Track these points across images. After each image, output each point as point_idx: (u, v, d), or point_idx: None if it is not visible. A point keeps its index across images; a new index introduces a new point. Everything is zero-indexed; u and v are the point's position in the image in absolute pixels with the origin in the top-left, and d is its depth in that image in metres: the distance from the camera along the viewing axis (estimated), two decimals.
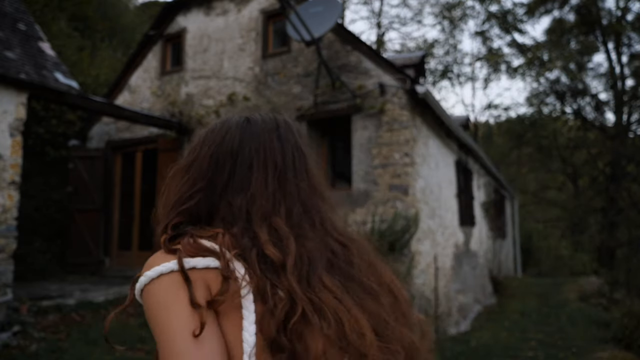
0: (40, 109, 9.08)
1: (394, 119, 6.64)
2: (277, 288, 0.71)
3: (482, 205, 11.32)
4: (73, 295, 6.39)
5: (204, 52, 8.54)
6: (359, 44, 7.13)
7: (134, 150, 9.11)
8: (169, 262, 0.72)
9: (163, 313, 0.69)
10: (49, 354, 4.65)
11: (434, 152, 7.71)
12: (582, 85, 19.60)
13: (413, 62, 9.01)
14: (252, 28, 8.09)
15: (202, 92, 8.40)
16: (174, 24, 9.00)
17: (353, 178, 6.87)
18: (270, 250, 0.73)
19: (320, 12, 6.47)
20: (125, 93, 9.35)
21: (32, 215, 8.18)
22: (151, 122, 8.09)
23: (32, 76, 5.99)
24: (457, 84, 28.97)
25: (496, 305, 10.35)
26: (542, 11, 20.11)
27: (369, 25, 37.87)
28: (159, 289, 0.71)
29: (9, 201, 5.57)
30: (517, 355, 6.09)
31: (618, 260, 17.06)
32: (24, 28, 6.63)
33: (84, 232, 8.55)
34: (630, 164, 18.29)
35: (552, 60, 18.42)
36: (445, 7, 22.09)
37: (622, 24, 18.45)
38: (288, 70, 7.63)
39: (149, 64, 9.19)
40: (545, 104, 20.71)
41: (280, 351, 0.68)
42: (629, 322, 6.81)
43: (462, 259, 8.98)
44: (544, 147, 20.56)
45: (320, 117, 7.25)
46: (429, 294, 6.91)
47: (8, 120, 5.67)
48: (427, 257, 7.01)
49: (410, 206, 6.46)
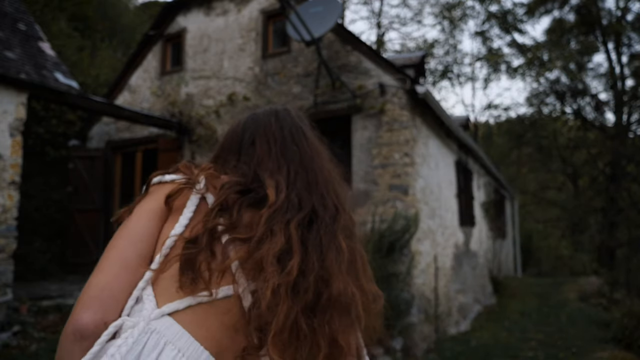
0: (40, 109, 9.08)
1: (394, 119, 6.64)
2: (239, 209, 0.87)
3: (482, 205, 11.32)
4: (73, 295, 6.39)
5: (204, 52, 8.54)
6: (359, 44, 7.13)
7: (134, 150, 9.10)
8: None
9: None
10: (49, 354, 4.65)
11: (434, 152, 7.71)
12: (582, 85, 19.60)
13: (413, 62, 9.01)
14: (252, 28, 8.09)
15: (202, 92, 8.40)
16: (174, 24, 9.00)
17: (353, 178, 6.87)
18: (269, 190, 0.90)
19: (320, 12, 6.47)
20: (125, 93, 9.35)
21: (32, 215, 8.17)
22: (151, 122, 8.09)
23: (32, 76, 5.99)
24: (457, 84, 28.98)
25: (496, 305, 10.35)
26: (542, 11, 20.10)
27: (369, 25, 37.88)
28: None
29: (9, 201, 5.57)
30: (517, 355, 6.09)
31: (618, 260, 17.07)
32: (24, 28, 6.63)
33: (84, 232, 8.55)
34: (630, 164, 18.28)
35: (552, 60, 18.41)
36: (445, 7, 22.08)
37: (622, 24, 18.45)
38: (288, 70, 7.63)
39: (149, 64, 9.19)
40: (545, 104, 20.70)
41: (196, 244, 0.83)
42: (629, 322, 6.82)
43: (462, 259, 8.98)
44: (544, 147, 20.56)
45: (320, 117, 7.25)
46: (429, 294, 6.90)
47: (8, 120, 5.67)
48: (427, 257, 7.01)
49: (410, 206, 6.46)
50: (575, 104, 20.15)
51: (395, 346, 5.58)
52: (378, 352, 5.43)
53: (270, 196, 0.88)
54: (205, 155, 8.10)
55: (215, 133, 8.02)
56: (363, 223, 6.38)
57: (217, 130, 8.03)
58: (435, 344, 6.43)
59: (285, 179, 0.93)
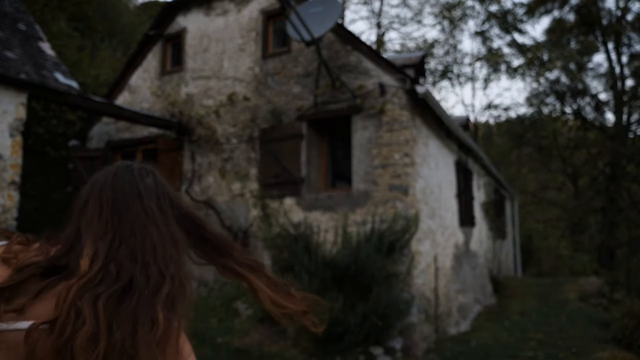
0: (40, 109, 9.08)
1: (394, 119, 6.64)
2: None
3: (482, 205, 11.32)
4: None
5: (204, 52, 8.54)
6: (359, 44, 7.13)
7: (134, 151, 9.10)
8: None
9: None
10: None
11: (434, 152, 7.71)
12: (582, 85, 19.60)
13: (413, 62, 9.01)
14: (252, 28, 8.09)
15: (202, 92, 8.40)
16: (174, 24, 9.00)
17: (353, 178, 6.87)
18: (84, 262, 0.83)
19: (320, 12, 6.47)
20: (125, 93, 9.35)
21: (32, 215, 8.17)
22: (151, 122, 8.09)
23: (32, 76, 5.99)
24: (457, 84, 28.98)
25: (496, 305, 10.35)
26: (542, 11, 20.10)
27: (369, 25, 37.89)
28: None
29: (9, 201, 5.57)
30: (517, 355, 6.09)
31: (618, 260, 17.08)
32: (24, 28, 6.63)
33: None
34: (630, 164, 18.29)
35: (552, 60, 18.41)
36: (445, 7, 22.07)
37: (622, 24, 18.45)
38: (288, 70, 7.62)
39: (149, 64, 9.19)
40: (545, 104, 20.70)
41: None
42: (629, 322, 6.82)
43: (462, 259, 8.98)
44: (544, 147, 20.55)
45: (320, 117, 7.25)
46: (429, 294, 6.90)
47: (8, 120, 5.67)
48: (427, 257, 7.01)
49: (410, 206, 6.46)
50: (575, 104, 20.15)
51: (395, 346, 5.58)
52: (378, 352, 5.44)
53: (83, 267, 0.82)
54: (206, 155, 8.11)
55: (215, 133, 8.02)
56: (363, 223, 6.38)
57: (217, 130, 8.03)
58: (435, 344, 6.43)
59: (107, 246, 0.86)
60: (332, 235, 6.34)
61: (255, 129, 7.70)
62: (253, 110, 7.80)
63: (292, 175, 7.21)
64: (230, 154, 7.89)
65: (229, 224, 7.65)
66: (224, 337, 5.74)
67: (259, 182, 7.51)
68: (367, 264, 5.49)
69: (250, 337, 5.73)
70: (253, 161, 7.66)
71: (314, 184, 7.33)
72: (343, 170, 7.39)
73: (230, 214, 7.70)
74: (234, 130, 7.91)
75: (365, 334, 5.35)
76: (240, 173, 7.71)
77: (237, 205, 7.68)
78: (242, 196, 7.66)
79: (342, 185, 7.41)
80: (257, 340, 5.68)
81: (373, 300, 5.37)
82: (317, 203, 7.03)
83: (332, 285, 5.48)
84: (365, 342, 5.43)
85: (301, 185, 7.15)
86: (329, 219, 6.84)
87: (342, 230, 5.94)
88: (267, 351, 5.43)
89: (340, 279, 5.55)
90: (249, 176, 7.65)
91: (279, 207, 7.20)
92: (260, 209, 7.38)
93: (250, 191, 7.58)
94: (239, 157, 7.81)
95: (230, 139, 7.94)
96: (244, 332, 5.87)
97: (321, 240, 6.09)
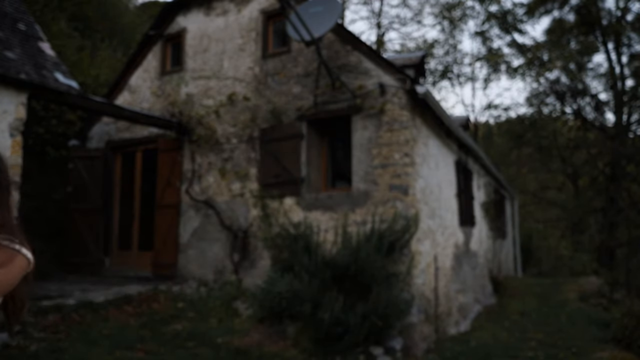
0: (40, 109, 9.08)
1: (394, 119, 6.64)
2: None
3: (482, 205, 11.32)
4: (73, 295, 6.39)
5: (204, 52, 8.54)
6: (359, 44, 7.13)
7: (133, 151, 9.10)
8: None
9: None
10: (49, 354, 4.65)
11: (434, 152, 7.71)
12: (582, 85, 19.61)
13: (413, 62, 9.01)
14: (252, 28, 8.09)
15: (202, 92, 8.40)
16: (174, 24, 9.00)
17: (353, 178, 6.87)
18: None
19: (320, 12, 6.47)
20: (125, 93, 9.35)
21: (31, 215, 8.17)
22: (151, 122, 8.09)
23: (32, 76, 5.99)
24: (457, 84, 28.96)
25: (496, 305, 10.35)
26: (542, 11, 20.11)
27: (369, 25, 37.88)
28: None
29: None
30: (517, 355, 6.09)
31: (618, 260, 17.09)
32: (24, 28, 6.63)
33: (84, 232, 8.55)
34: (630, 164, 18.29)
35: (552, 60, 18.42)
36: (445, 7, 22.08)
37: (622, 24, 18.46)
38: (288, 70, 7.63)
39: (149, 64, 9.19)
40: (545, 104, 20.71)
41: None
42: (629, 322, 6.81)
43: (462, 259, 8.98)
44: (544, 147, 20.55)
45: (320, 117, 7.25)
46: (429, 294, 6.90)
47: (8, 120, 5.67)
48: (427, 257, 7.01)
49: (410, 206, 6.46)
50: (575, 104, 20.16)
51: (395, 346, 5.58)
52: (378, 352, 5.44)
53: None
54: (205, 155, 8.11)
55: (215, 133, 8.03)
56: (363, 223, 6.38)
57: (217, 130, 8.03)
58: (435, 344, 6.43)
59: None
60: (332, 235, 6.34)
61: (255, 129, 7.70)
62: (253, 110, 7.80)
63: (292, 175, 7.21)
64: (230, 153, 7.89)
65: (229, 224, 7.65)
66: (223, 337, 5.74)
67: (259, 182, 7.51)
68: (367, 264, 5.49)
69: (250, 337, 5.73)
70: (253, 161, 7.66)
71: (314, 184, 7.33)
72: (343, 170, 7.40)
73: (230, 213, 7.71)
74: (234, 130, 7.92)
75: (365, 334, 5.35)
76: (240, 173, 7.71)
77: (237, 205, 7.68)
78: (242, 196, 7.66)
79: (342, 185, 7.41)
80: (257, 340, 5.68)
81: (373, 300, 5.37)
82: (317, 203, 7.04)
83: (332, 285, 5.48)
84: (365, 342, 5.43)
85: (301, 185, 7.15)
86: (329, 219, 6.84)
87: (342, 230, 5.94)
88: (267, 351, 5.43)
89: (340, 278, 5.55)
90: (249, 176, 7.65)
91: (279, 207, 7.20)
92: (260, 208, 7.39)
93: (250, 191, 7.58)
94: (239, 157, 7.81)
95: (230, 139, 7.94)
96: (244, 332, 5.87)
97: (321, 240, 6.09)
